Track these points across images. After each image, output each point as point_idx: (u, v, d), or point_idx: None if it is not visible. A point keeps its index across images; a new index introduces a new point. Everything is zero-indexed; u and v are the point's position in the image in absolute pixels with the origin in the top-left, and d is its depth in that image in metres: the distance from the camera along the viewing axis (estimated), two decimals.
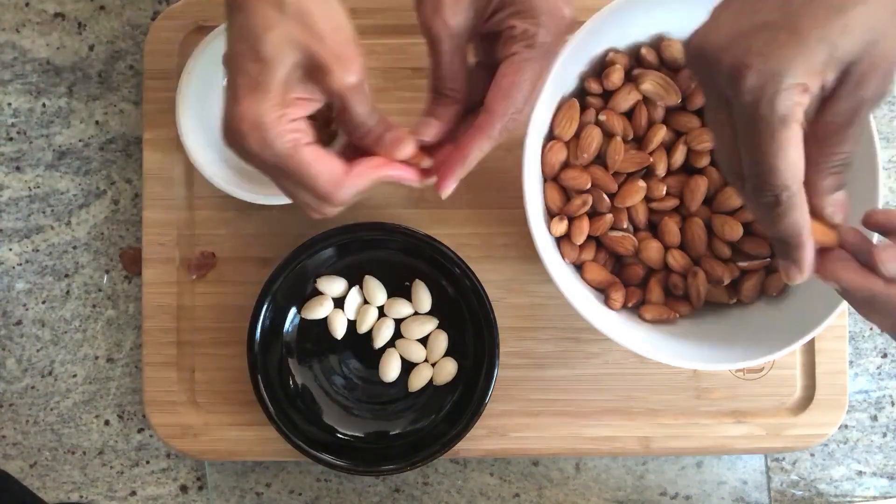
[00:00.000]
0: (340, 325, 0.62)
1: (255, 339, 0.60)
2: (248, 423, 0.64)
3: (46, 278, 0.66)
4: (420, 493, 0.66)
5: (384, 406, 0.63)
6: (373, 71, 0.62)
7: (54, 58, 0.67)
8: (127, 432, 0.66)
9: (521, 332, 0.64)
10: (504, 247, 0.64)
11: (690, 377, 0.64)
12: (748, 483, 0.66)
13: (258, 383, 0.60)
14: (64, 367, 0.66)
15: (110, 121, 0.67)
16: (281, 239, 0.63)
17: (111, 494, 0.66)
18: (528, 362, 0.64)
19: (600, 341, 0.63)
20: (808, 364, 0.64)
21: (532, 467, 0.66)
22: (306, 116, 0.44)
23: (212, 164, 0.60)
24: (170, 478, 0.66)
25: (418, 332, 0.62)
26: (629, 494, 0.66)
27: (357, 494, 0.66)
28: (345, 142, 0.49)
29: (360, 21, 0.60)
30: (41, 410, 0.66)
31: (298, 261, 0.60)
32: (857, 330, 0.66)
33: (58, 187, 0.66)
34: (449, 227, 0.63)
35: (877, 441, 0.66)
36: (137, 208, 0.66)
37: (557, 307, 0.64)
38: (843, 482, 0.66)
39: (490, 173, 0.64)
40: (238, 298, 0.64)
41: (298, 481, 0.66)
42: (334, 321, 0.62)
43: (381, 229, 0.60)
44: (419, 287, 0.62)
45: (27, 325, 0.66)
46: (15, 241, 0.66)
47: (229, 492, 0.66)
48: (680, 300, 0.59)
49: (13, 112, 0.66)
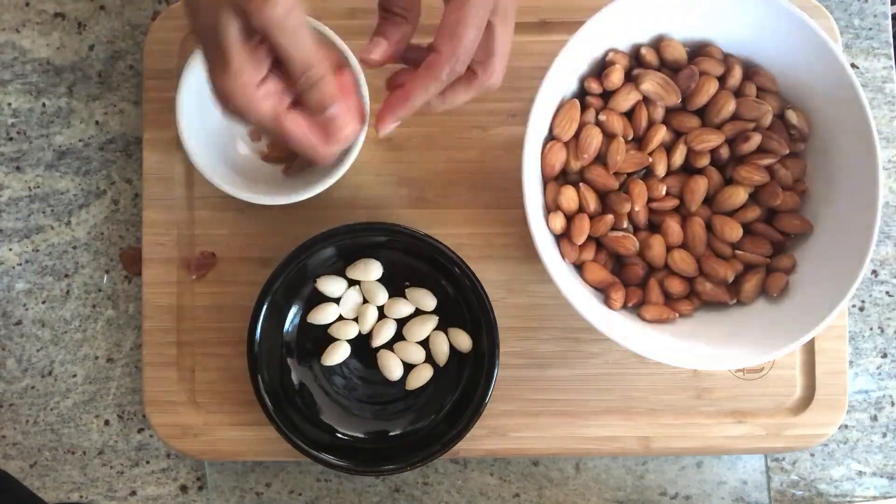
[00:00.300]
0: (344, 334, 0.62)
1: (255, 339, 0.60)
2: (248, 423, 0.64)
3: (46, 278, 0.66)
4: (420, 493, 0.66)
5: (384, 406, 0.63)
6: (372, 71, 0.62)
7: (54, 58, 0.67)
8: (127, 432, 0.66)
9: (521, 332, 0.64)
10: (504, 247, 0.64)
11: (690, 377, 0.64)
12: (748, 483, 0.66)
13: (258, 383, 0.60)
14: (64, 367, 0.66)
15: (110, 121, 0.67)
16: (281, 239, 0.63)
17: (111, 494, 0.66)
18: (528, 362, 0.64)
19: (600, 341, 0.63)
20: (808, 364, 0.64)
21: (532, 467, 0.66)
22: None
23: (212, 164, 0.60)
24: (170, 478, 0.66)
25: (418, 332, 0.62)
26: (629, 494, 0.66)
27: (357, 494, 0.66)
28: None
29: (360, 21, 0.61)
30: (41, 410, 0.66)
31: (298, 261, 0.60)
32: (857, 330, 0.66)
33: (58, 187, 0.66)
34: (449, 227, 0.63)
35: (877, 441, 0.66)
36: (137, 208, 0.66)
37: (557, 307, 0.64)
38: (843, 482, 0.66)
39: (490, 173, 0.64)
40: (238, 298, 0.64)
41: (298, 481, 0.66)
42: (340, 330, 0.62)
43: (381, 229, 0.60)
44: (419, 289, 0.62)
45: (27, 325, 0.66)
46: (15, 241, 0.66)
47: (229, 492, 0.66)
48: (680, 300, 0.59)
49: (13, 112, 0.66)
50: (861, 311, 0.66)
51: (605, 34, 0.56)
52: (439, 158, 0.64)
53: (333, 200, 0.64)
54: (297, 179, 0.62)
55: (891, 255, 0.66)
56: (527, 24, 0.64)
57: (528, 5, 0.64)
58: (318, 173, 0.59)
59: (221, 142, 0.62)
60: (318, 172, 0.60)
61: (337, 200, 0.64)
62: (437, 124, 0.64)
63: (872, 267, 0.67)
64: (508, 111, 0.64)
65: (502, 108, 0.64)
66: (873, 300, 0.66)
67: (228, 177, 0.60)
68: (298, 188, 0.59)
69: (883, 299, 0.66)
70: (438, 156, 0.64)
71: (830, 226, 0.57)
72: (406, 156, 0.64)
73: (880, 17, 0.67)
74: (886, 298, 0.66)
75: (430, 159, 0.64)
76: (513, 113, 0.64)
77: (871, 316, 0.66)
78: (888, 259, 0.66)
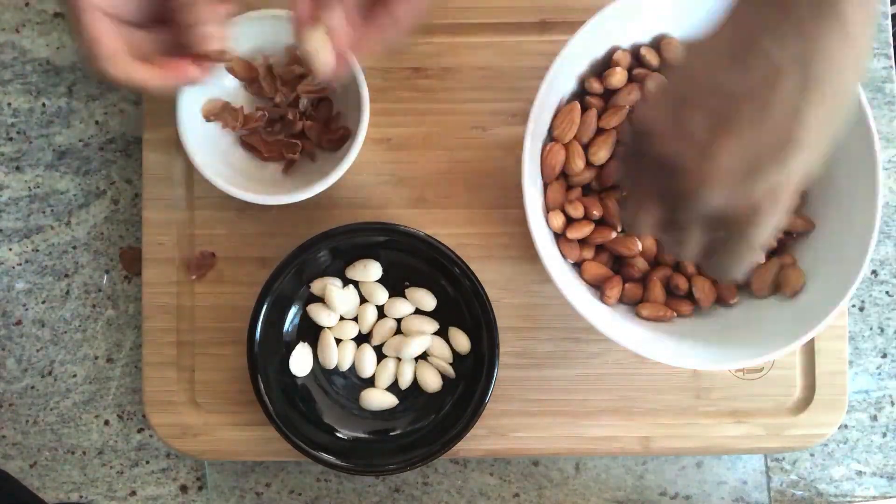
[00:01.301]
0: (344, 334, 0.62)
1: (255, 339, 0.60)
2: (248, 423, 0.64)
3: (46, 278, 0.66)
4: (420, 493, 0.66)
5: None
6: (372, 71, 0.62)
7: (54, 58, 0.67)
8: (127, 432, 0.66)
9: (521, 332, 0.64)
10: (504, 247, 0.64)
11: (690, 377, 0.64)
12: (748, 483, 0.66)
13: (258, 383, 0.60)
14: (64, 367, 0.66)
15: (110, 121, 0.67)
16: (281, 239, 0.63)
17: (111, 494, 0.66)
18: (528, 362, 0.64)
19: (600, 341, 0.63)
20: (808, 364, 0.64)
21: (532, 467, 0.66)
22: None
23: (212, 164, 0.60)
24: (170, 478, 0.66)
25: (418, 332, 0.62)
26: (629, 494, 0.66)
27: (357, 494, 0.66)
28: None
29: None
30: (41, 410, 0.66)
31: (298, 261, 0.60)
32: (857, 330, 0.66)
33: (58, 187, 0.66)
34: (449, 227, 0.63)
35: (877, 441, 0.66)
36: (137, 208, 0.66)
37: (557, 307, 0.64)
38: (842, 482, 0.66)
39: (490, 173, 0.64)
40: (238, 298, 0.64)
41: (298, 481, 0.66)
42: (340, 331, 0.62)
43: (381, 229, 0.60)
44: (419, 289, 0.62)
45: (27, 325, 0.66)
46: (15, 241, 0.66)
47: (229, 492, 0.66)
48: (681, 299, 0.59)
49: (13, 112, 0.66)
50: (861, 311, 0.66)
51: (606, 34, 0.56)
52: (439, 158, 0.64)
53: (333, 200, 0.64)
54: (297, 179, 0.62)
55: (891, 255, 0.66)
56: (527, 24, 0.64)
57: (528, 5, 0.64)
58: (318, 173, 0.59)
59: (222, 142, 0.62)
60: (318, 172, 0.60)
61: (337, 200, 0.64)
62: (436, 124, 0.64)
63: (872, 267, 0.67)
64: (508, 111, 0.64)
65: (502, 108, 0.64)
66: (873, 300, 0.66)
67: (229, 177, 0.60)
68: (298, 188, 0.59)
69: (883, 299, 0.66)
70: (438, 156, 0.64)
71: (830, 226, 0.57)
72: (406, 156, 0.64)
73: (880, 17, 0.67)
74: (886, 298, 0.66)
75: (430, 159, 0.64)
76: (513, 113, 0.64)
77: (871, 316, 0.66)
78: (888, 259, 0.66)
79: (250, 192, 0.59)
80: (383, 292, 0.62)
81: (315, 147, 0.63)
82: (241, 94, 0.63)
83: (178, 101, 0.59)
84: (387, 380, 0.62)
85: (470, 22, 0.64)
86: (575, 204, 0.57)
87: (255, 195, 0.59)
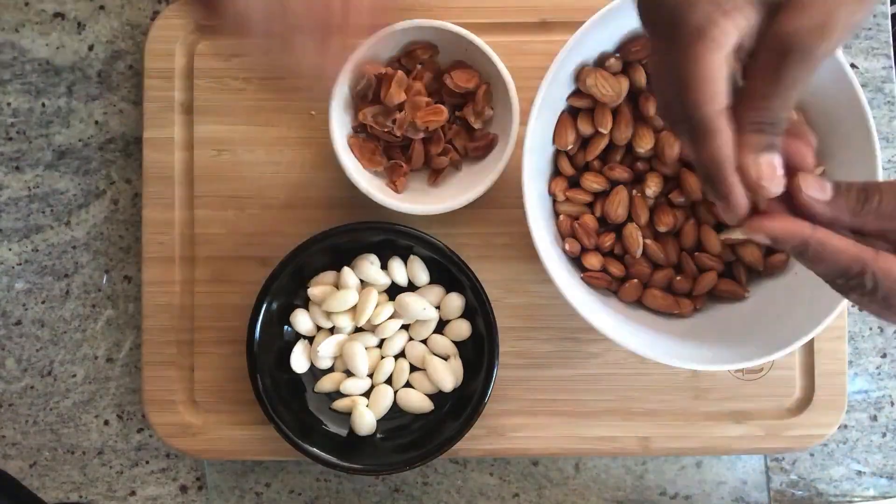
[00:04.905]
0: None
1: (254, 338, 0.60)
2: (247, 423, 0.64)
3: (46, 278, 0.66)
4: (420, 493, 0.66)
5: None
6: None
7: (54, 58, 0.67)
8: (126, 432, 0.66)
9: (521, 332, 0.64)
10: (504, 247, 0.64)
11: (690, 377, 0.64)
12: (748, 483, 0.66)
13: (258, 383, 0.60)
14: (63, 367, 0.66)
15: (110, 121, 0.67)
16: (281, 239, 0.63)
17: (111, 494, 0.66)
18: (528, 362, 0.64)
19: (600, 341, 0.63)
20: (808, 364, 0.64)
21: (532, 467, 0.66)
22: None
23: (357, 167, 0.60)
24: (169, 478, 0.66)
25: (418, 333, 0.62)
26: (629, 494, 0.66)
27: (357, 494, 0.66)
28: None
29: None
30: (41, 410, 0.66)
31: (298, 260, 0.60)
32: (856, 330, 0.66)
33: (57, 187, 0.66)
34: (449, 227, 0.63)
35: (876, 441, 0.66)
36: (137, 208, 0.66)
37: (557, 307, 0.64)
38: (842, 482, 0.66)
39: None
40: (238, 298, 0.64)
41: (298, 481, 0.66)
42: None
43: (381, 229, 0.60)
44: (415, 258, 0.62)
45: (27, 325, 0.66)
46: (14, 241, 0.66)
47: (229, 492, 0.66)
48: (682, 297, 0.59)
49: (13, 112, 0.66)
50: (861, 311, 0.66)
51: (605, 34, 0.56)
52: None
53: (333, 200, 0.64)
54: (443, 189, 0.62)
55: None
56: (527, 24, 0.64)
57: (528, 5, 0.64)
58: (464, 183, 0.60)
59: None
60: (463, 182, 0.60)
61: (337, 200, 0.64)
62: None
63: None
64: None
65: None
66: None
67: (376, 183, 0.60)
68: (445, 198, 0.60)
69: None
70: None
71: None
72: None
73: (880, 17, 0.67)
74: None
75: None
76: None
77: (871, 316, 0.66)
78: None
79: (397, 200, 0.59)
80: (385, 279, 0.62)
81: (462, 157, 0.62)
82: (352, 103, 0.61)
83: (332, 106, 0.58)
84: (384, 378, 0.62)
85: (470, 22, 0.64)
86: (575, 203, 0.57)
87: (403, 204, 0.59)
